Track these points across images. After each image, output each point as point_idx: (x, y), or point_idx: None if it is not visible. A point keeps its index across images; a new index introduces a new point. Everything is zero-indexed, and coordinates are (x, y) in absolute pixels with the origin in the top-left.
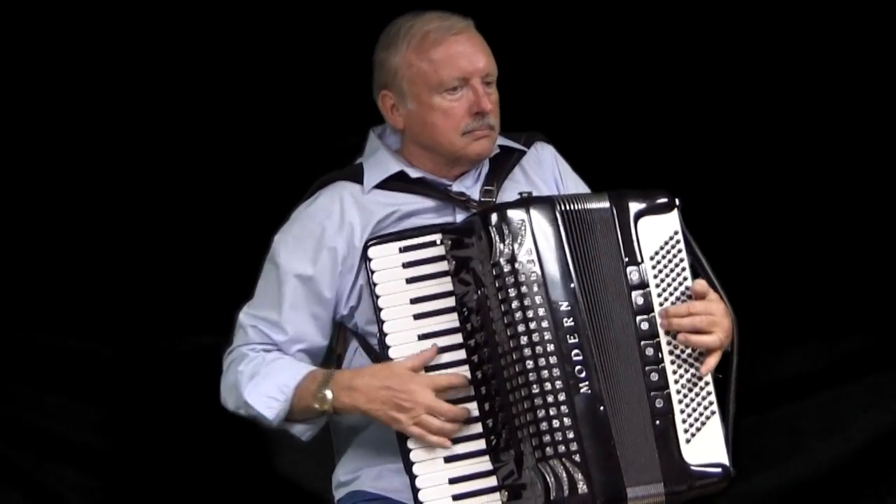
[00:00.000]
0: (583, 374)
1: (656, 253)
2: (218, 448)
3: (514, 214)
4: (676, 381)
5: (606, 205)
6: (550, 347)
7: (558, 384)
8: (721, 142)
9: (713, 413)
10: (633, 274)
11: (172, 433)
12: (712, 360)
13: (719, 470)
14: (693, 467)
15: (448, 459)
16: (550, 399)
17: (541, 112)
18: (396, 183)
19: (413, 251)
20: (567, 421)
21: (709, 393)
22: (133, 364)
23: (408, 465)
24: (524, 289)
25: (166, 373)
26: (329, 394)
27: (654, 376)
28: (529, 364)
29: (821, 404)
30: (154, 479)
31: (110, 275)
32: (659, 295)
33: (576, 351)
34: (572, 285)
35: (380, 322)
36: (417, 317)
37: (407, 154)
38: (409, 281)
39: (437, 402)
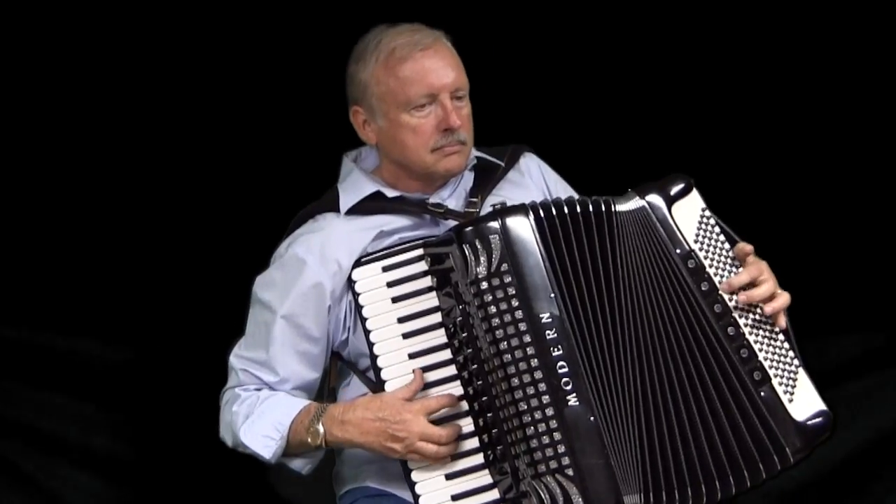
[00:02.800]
0: (569, 387)
1: (697, 235)
2: (222, 452)
3: (488, 227)
4: (760, 349)
5: (641, 204)
6: (534, 362)
7: (545, 399)
8: (720, 140)
9: (798, 366)
10: (689, 263)
11: (178, 436)
12: (783, 316)
13: (822, 419)
14: (807, 424)
15: (449, 476)
16: (538, 415)
17: (525, 116)
18: (373, 204)
19: (396, 269)
20: (557, 435)
21: (788, 348)
22: (141, 367)
23: (410, 483)
24: (503, 305)
25: (173, 376)
26: (321, 428)
27: (744, 352)
28: (515, 381)
29: None
30: (158, 483)
31: (118, 276)
32: (715, 274)
33: (561, 363)
34: (552, 295)
35: (370, 344)
36: (406, 335)
37: (384, 172)
38: (395, 300)
39: (430, 428)
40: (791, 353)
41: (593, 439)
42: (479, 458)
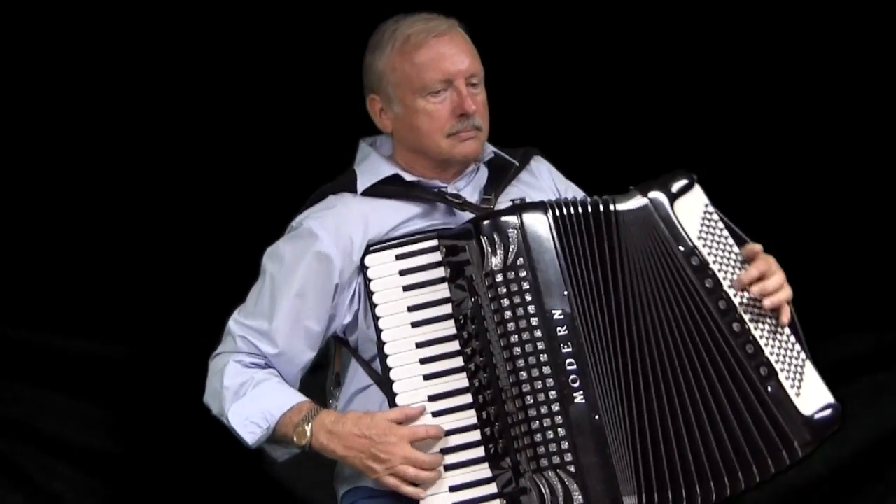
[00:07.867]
0: (577, 384)
1: (700, 232)
2: (219, 450)
3: (507, 221)
4: (766, 344)
5: (644, 202)
6: (544, 357)
7: (552, 394)
8: (719, 141)
9: (804, 360)
10: (693, 260)
11: (175, 435)
12: (788, 310)
13: (830, 411)
14: (815, 417)
15: (448, 467)
16: (544, 410)
17: (529, 114)
18: (391, 188)
19: (409, 258)
20: (561, 431)
21: (794, 342)
22: (138, 365)
23: None
24: (517, 298)
25: (170, 374)
26: (309, 430)
27: (750, 348)
28: (523, 375)
29: None
30: (156, 482)
31: (114, 275)
32: (720, 270)
33: (570, 360)
34: (565, 293)
35: (378, 331)
36: (415, 325)
37: (399, 158)
38: (406, 288)
39: (413, 454)
40: (797, 347)
41: (597, 438)
42: (480, 452)
